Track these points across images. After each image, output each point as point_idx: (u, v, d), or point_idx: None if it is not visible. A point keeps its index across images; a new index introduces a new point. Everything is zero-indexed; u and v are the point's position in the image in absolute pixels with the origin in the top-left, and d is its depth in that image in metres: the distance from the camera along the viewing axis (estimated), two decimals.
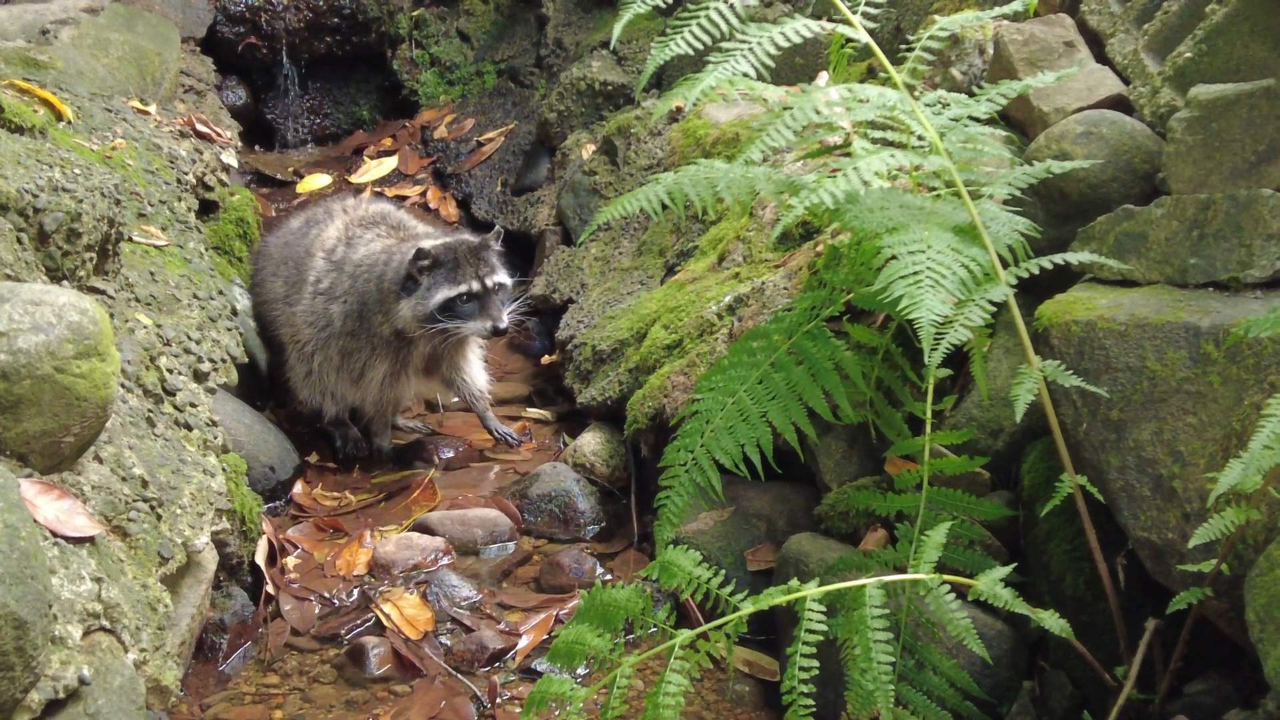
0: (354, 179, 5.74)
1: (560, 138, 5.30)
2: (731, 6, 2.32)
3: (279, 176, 5.74)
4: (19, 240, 2.70)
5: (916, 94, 2.70)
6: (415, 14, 6.29)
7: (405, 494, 3.64)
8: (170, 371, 3.02)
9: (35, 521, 2.13)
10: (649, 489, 3.47)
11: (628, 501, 3.57)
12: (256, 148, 6.11)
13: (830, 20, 2.36)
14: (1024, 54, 3.04)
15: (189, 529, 2.62)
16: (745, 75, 2.26)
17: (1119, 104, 2.90)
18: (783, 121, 2.24)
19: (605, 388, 3.76)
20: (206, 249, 3.87)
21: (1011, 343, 2.72)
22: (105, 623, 2.15)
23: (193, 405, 3.00)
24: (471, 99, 6.13)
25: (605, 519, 3.53)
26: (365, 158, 5.93)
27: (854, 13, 2.39)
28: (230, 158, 4.68)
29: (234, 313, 3.62)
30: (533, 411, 4.18)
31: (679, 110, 4.49)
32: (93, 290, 2.99)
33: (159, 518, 2.53)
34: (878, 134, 2.58)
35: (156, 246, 3.49)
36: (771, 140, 2.24)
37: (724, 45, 2.29)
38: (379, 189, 5.65)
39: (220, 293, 3.59)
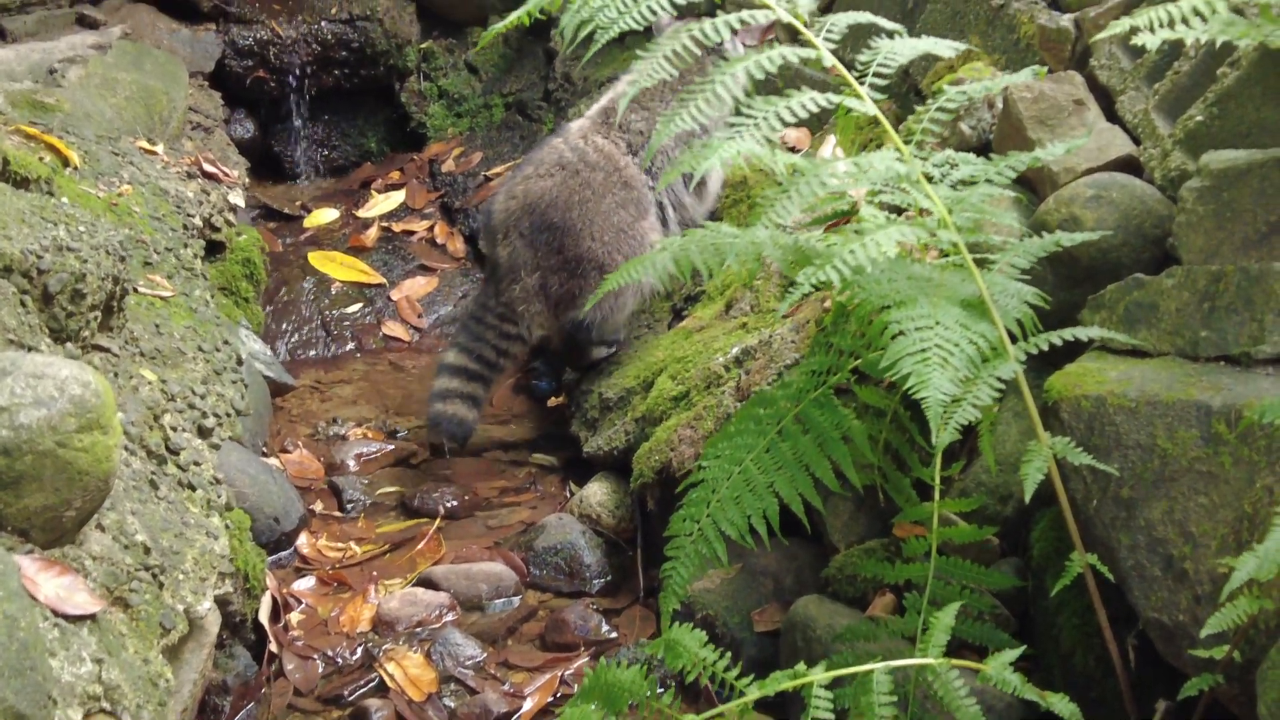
0: (361, 213, 5.72)
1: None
2: (738, 80, 2.30)
3: (286, 210, 5.72)
4: (22, 303, 2.69)
5: (925, 154, 2.69)
6: (423, 46, 6.28)
7: (410, 544, 3.62)
8: (174, 429, 3.01)
9: (36, 601, 2.11)
10: (655, 542, 3.44)
11: (634, 554, 3.55)
12: (264, 180, 6.10)
13: (837, 93, 2.34)
14: (1033, 112, 3.02)
15: (191, 595, 2.60)
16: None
17: (1129, 164, 2.89)
18: (789, 197, 2.23)
19: (612, 437, 3.74)
20: (213, 296, 3.86)
21: (1020, 407, 2.69)
22: (106, 704, 2.13)
23: (196, 464, 2.98)
24: (479, 132, 6.12)
25: (611, 572, 3.51)
26: (373, 191, 5.91)
27: (862, 84, 2.38)
28: (237, 198, 4.67)
29: (239, 362, 3.60)
30: (539, 457, 4.16)
31: None
32: (97, 348, 2.98)
33: (161, 586, 2.51)
34: (886, 197, 2.57)
35: (162, 298, 3.48)
36: (778, 216, 2.22)
37: (730, 120, 2.28)
38: (386, 224, 5.64)
39: (226, 342, 3.58)
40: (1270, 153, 2.43)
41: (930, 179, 2.62)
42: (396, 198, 5.83)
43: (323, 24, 5.98)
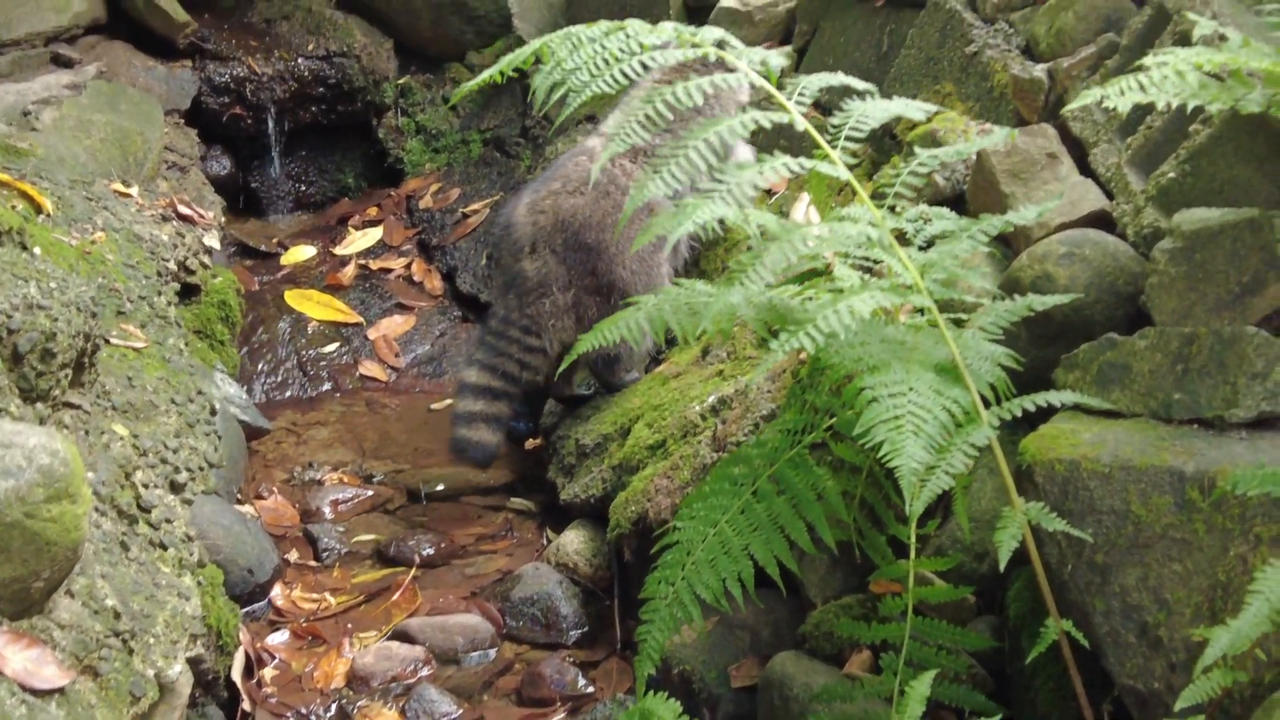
0: (338, 250, 5.70)
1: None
2: (710, 145, 2.30)
3: (263, 248, 5.70)
4: None
5: (899, 209, 2.69)
6: (401, 82, 6.28)
7: (386, 595, 3.60)
8: (146, 486, 2.98)
9: (3, 676, 2.09)
10: (632, 592, 3.43)
11: (611, 603, 3.53)
12: (240, 216, 6.08)
13: (811, 158, 2.34)
14: (1006, 165, 3.02)
15: (162, 660, 2.57)
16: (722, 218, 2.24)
17: (1102, 219, 2.89)
18: (763, 264, 2.22)
19: (588, 484, 3.73)
20: (187, 344, 3.84)
21: (994, 463, 2.69)
22: None
23: (168, 521, 2.96)
24: (457, 167, 6.11)
25: (588, 622, 3.49)
26: (350, 228, 5.90)
27: (834, 147, 2.38)
28: (212, 239, 4.65)
29: (213, 412, 3.58)
30: (516, 501, 4.14)
31: None
32: (68, 405, 2.96)
33: (131, 652, 2.49)
34: (860, 252, 2.57)
35: (135, 349, 3.45)
36: (752, 283, 2.21)
37: (701, 186, 2.28)
38: (364, 261, 5.62)
39: (200, 392, 3.56)
40: (1242, 213, 2.44)
41: (903, 235, 2.63)
42: (374, 235, 5.82)
43: (300, 60, 5.98)
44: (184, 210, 4.66)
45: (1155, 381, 2.39)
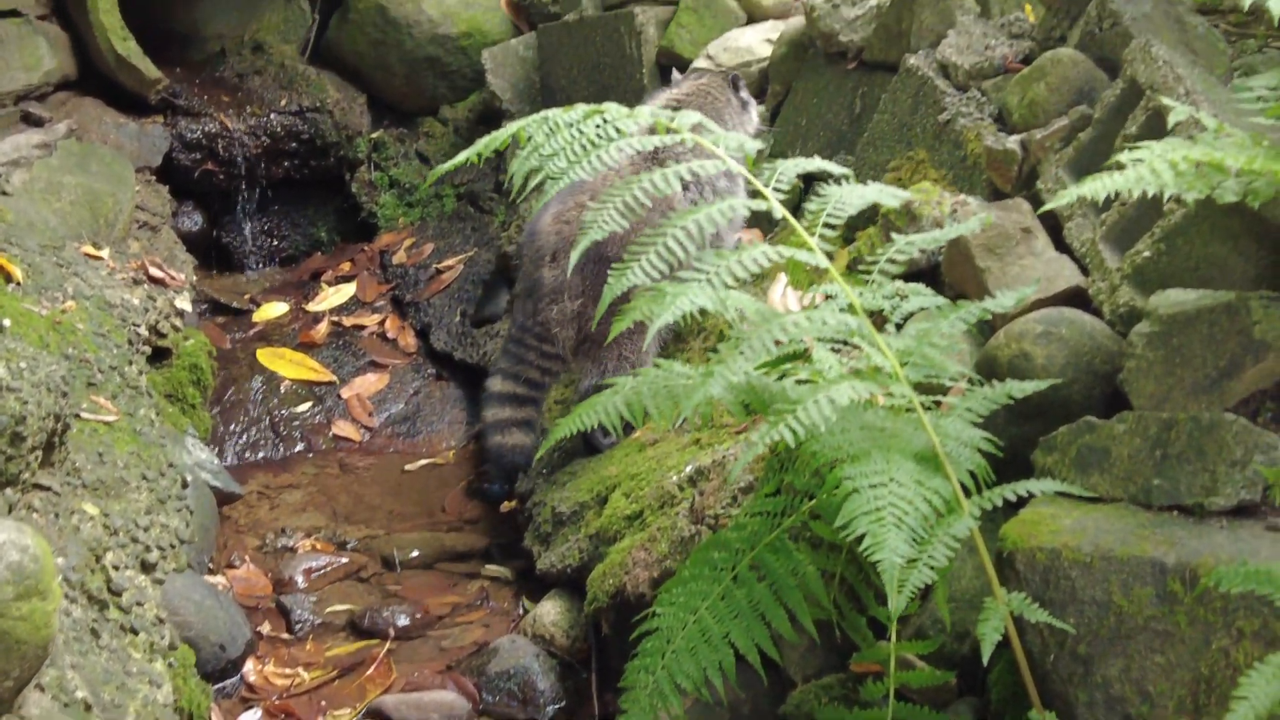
0: (311, 307, 5.67)
1: (520, 270, 5.26)
2: (689, 233, 2.29)
3: (235, 305, 5.66)
4: None
5: (875, 287, 2.69)
6: (374, 136, 6.27)
7: (360, 669, 3.55)
8: (116, 568, 2.94)
9: None
10: (610, 666, 3.40)
11: (589, 676, 3.50)
12: (212, 271, 6.04)
13: (789, 245, 2.33)
14: (981, 240, 3.03)
15: None
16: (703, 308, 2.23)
17: (1077, 295, 2.90)
18: (742, 354, 2.21)
19: (565, 554, 3.70)
20: (158, 414, 3.80)
21: (975, 542, 2.68)
22: None
23: (139, 604, 2.92)
24: (431, 222, 6.10)
25: (565, 696, 3.46)
26: (323, 283, 5.87)
27: (812, 235, 2.37)
28: (184, 302, 4.62)
29: (184, 485, 3.54)
30: (491, 568, 4.10)
31: None
32: (37, 487, 2.92)
33: None
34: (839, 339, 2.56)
35: (106, 423, 3.41)
36: (731, 374, 2.20)
37: (681, 274, 2.27)
38: (337, 318, 5.59)
39: (171, 465, 3.52)
40: (1218, 297, 2.45)
41: (880, 313, 2.63)
42: (347, 290, 5.79)
43: (272, 116, 5.96)
44: (155, 272, 4.62)
45: (1135, 466, 2.39)
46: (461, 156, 2.62)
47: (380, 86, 6.29)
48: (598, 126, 2.46)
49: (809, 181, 4.09)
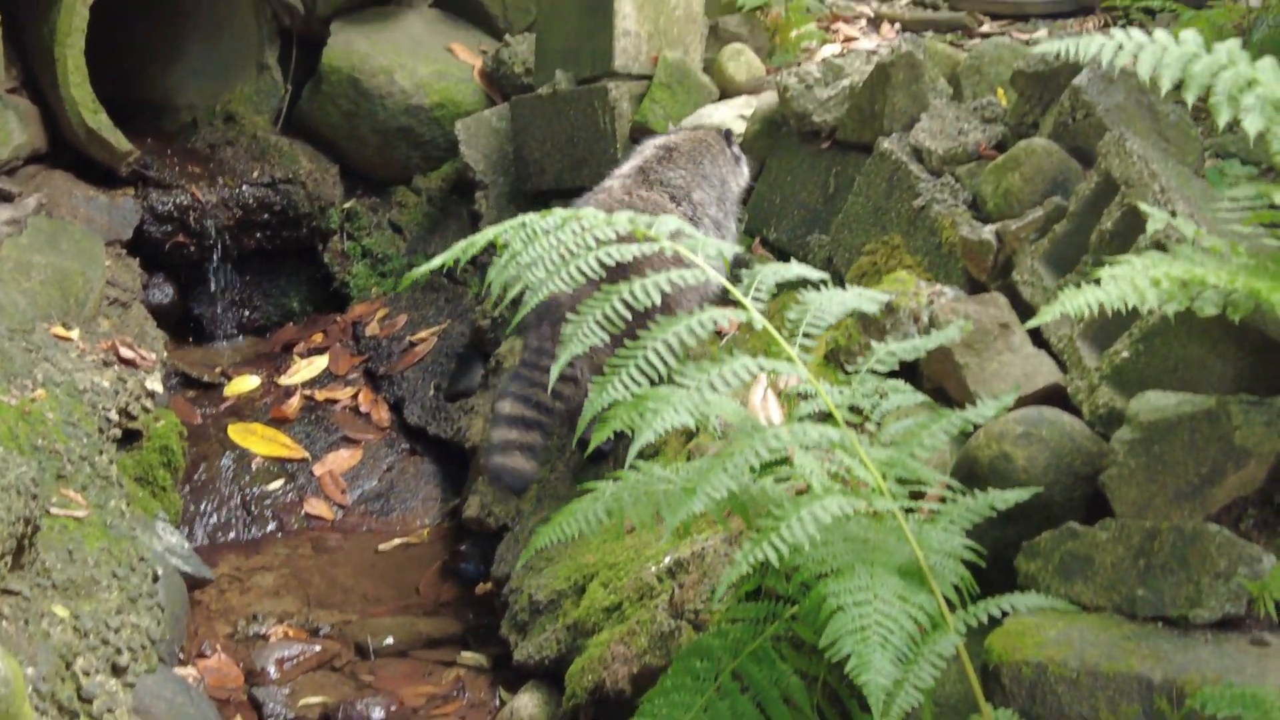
0: (283, 380, 5.62)
1: (494, 344, 5.24)
2: (670, 347, 2.28)
3: (205, 379, 5.60)
4: None
5: (857, 378, 2.68)
6: (347, 206, 6.25)
7: None
8: (87, 674, 2.89)
9: None
10: None
11: None
12: (183, 343, 5.99)
13: (769, 357, 2.32)
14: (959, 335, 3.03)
15: None
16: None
17: (1056, 393, 2.90)
18: (724, 470, 2.19)
19: (543, 644, 3.66)
20: (129, 504, 3.75)
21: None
22: None
23: (110, 711, 2.86)
24: (404, 293, 6.06)
25: None
26: (295, 355, 5.82)
27: (792, 345, 2.36)
28: (155, 383, 4.57)
29: (155, 579, 3.49)
30: (467, 656, 4.05)
31: None
32: (6, 593, 2.87)
33: None
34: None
35: (76, 518, 3.36)
36: (714, 491, 2.18)
37: (660, 390, 2.25)
38: (309, 391, 5.55)
39: (142, 559, 3.47)
40: (1199, 404, 2.45)
41: (859, 411, 2.62)
42: (319, 363, 5.74)
43: (244, 187, 5.94)
44: (126, 353, 4.57)
45: (1118, 575, 2.38)
46: (438, 260, 2.60)
47: (353, 157, 6.28)
48: (575, 234, 2.45)
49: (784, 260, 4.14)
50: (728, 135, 4.47)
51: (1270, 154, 2.11)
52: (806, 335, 2.42)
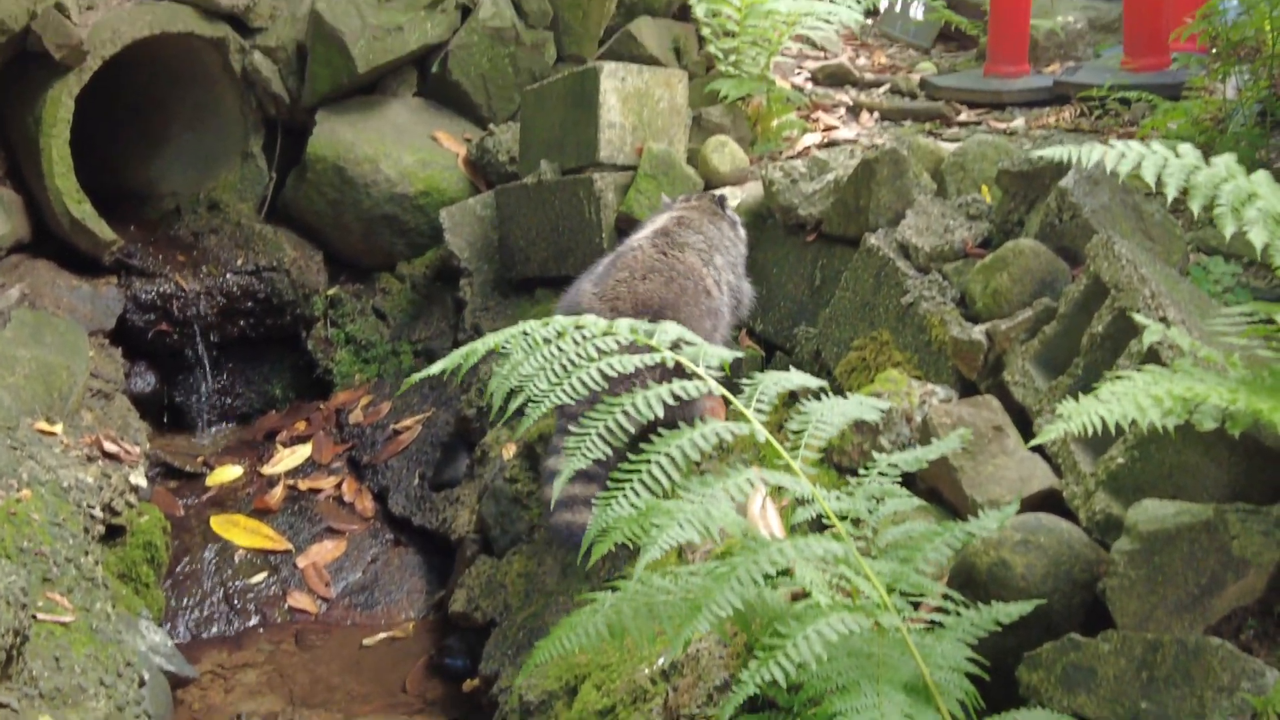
0: (266, 469, 5.59)
1: (479, 434, 5.23)
2: (673, 461, 2.28)
3: (188, 469, 5.56)
4: None
5: (851, 490, 2.68)
6: (330, 292, 6.26)
7: None
8: None
9: None
10: None
11: None
12: (166, 431, 5.95)
13: (770, 467, 2.33)
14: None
15: None
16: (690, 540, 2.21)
17: (1051, 497, 2.91)
18: (729, 588, 2.19)
19: None
20: (114, 605, 3.70)
21: None
22: None
23: None
24: (388, 379, 6.06)
25: None
26: (279, 444, 5.79)
27: (795, 457, 2.37)
28: (138, 477, 4.54)
29: (141, 684, 3.44)
30: None
31: None
32: None
33: None
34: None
35: (63, 623, 3.32)
36: (719, 609, 2.17)
37: (665, 504, 2.25)
38: (292, 481, 5.51)
39: (129, 664, 3.42)
40: (1197, 514, 2.46)
41: (858, 522, 2.62)
42: (303, 452, 5.71)
43: (228, 276, 5.94)
44: (110, 447, 4.55)
45: (1121, 688, 2.37)
46: (437, 367, 2.59)
47: (337, 244, 6.29)
48: (576, 344, 2.46)
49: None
50: (722, 201, 4.54)
51: (1274, 267, 2.14)
52: (809, 448, 2.43)
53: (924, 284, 3.76)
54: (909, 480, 3.06)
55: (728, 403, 2.44)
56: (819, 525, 2.73)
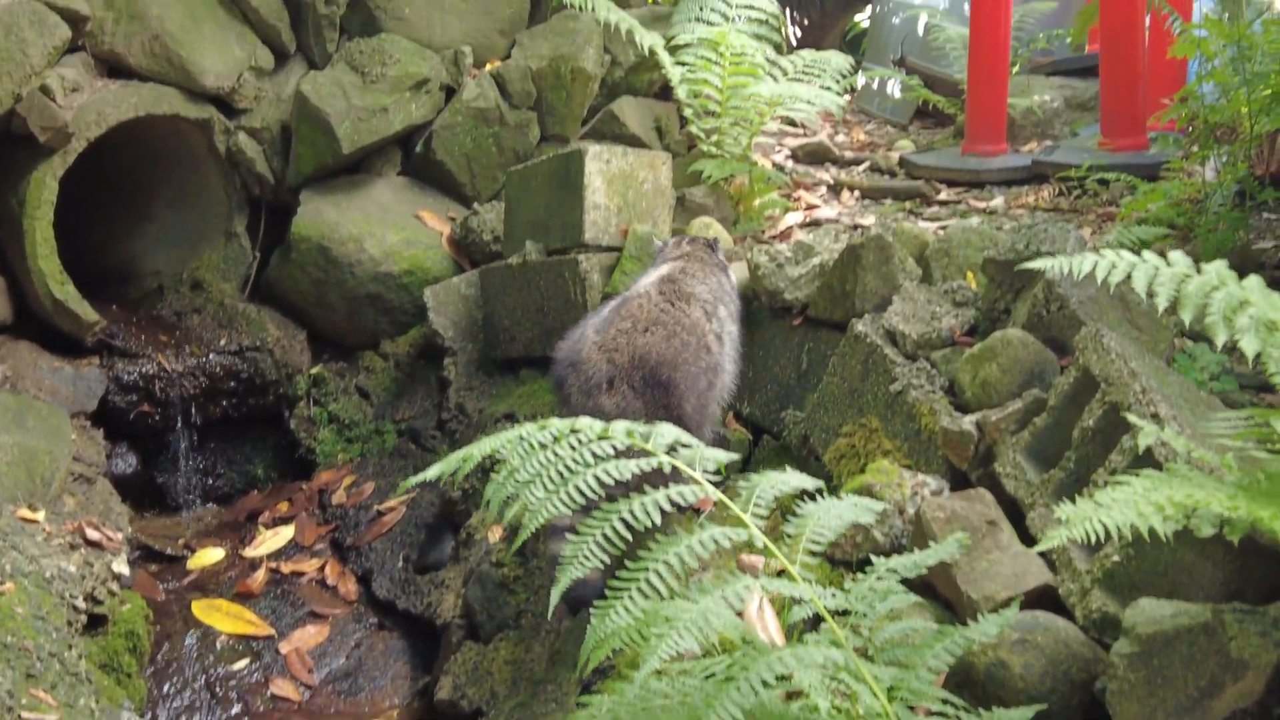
0: (248, 552, 5.53)
1: (465, 516, 5.20)
2: (671, 568, 2.27)
3: (169, 551, 5.50)
4: None
5: (848, 588, 2.68)
6: (314, 371, 6.23)
7: None
8: None
9: None
10: None
11: None
12: (146, 512, 5.90)
13: (771, 577, 2.32)
14: (946, 531, 3.04)
15: None
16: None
17: (1047, 594, 2.91)
18: (729, 699, 2.17)
19: None
20: (98, 700, 3.65)
21: None
22: None
23: None
24: (371, 459, 6.02)
25: None
26: (260, 525, 5.74)
27: (794, 561, 2.36)
28: (121, 564, 4.49)
29: None
30: None
31: None
32: None
33: None
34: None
35: None
36: (727, 711, 2.16)
37: (662, 611, 2.24)
38: (274, 564, 5.46)
39: None
40: (1195, 616, 2.46)
41: (856, 628, 2.61)
42: (285, 534, 5.66)
43: (211, 356, 5.92)
44: (92, 534, 4.50)
45: None
46: (433, 472, 2.58)
47: (321, 323, 6.28)
48: (573, 449, 2.45)
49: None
50: (713, 244, 4.58)
51: (1268, 375, 2.16)
52: (808, 553, 2.42)
53: (912, 371, 3.78)
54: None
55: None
56: (815, 621, 2.73)
